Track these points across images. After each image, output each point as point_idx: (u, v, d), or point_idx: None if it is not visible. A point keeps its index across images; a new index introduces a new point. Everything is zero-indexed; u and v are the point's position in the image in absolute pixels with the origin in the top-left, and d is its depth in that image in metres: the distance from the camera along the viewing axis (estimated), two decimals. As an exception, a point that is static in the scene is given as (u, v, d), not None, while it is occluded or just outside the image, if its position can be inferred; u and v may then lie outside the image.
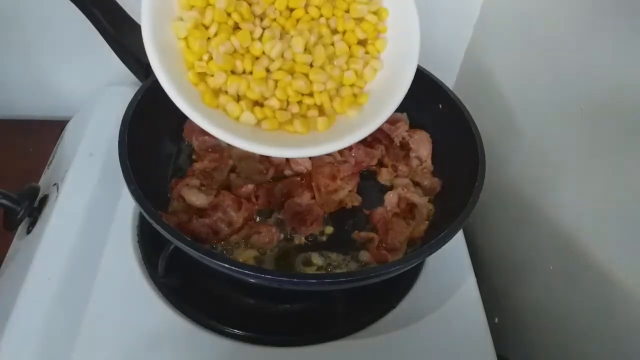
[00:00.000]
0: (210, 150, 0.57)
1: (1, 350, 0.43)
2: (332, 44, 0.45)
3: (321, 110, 0.44)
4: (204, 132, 0.57)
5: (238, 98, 0.43)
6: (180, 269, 0.49)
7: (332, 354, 0.46)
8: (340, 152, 0.58)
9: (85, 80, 0.76)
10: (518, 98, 0.63)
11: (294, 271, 0.49)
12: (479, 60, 0.74)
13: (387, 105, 0.44)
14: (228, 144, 0.57)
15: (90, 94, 0.69)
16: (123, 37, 0.55)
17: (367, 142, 0.60)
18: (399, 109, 0.63)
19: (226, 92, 0.42)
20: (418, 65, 0.60)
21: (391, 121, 0.61)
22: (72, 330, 0.45)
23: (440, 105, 0.58)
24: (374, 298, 0.51)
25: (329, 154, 0.57)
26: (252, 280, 0.41)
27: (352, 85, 0.45)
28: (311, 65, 0.44)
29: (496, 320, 0.58)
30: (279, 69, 0.42)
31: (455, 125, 0.55)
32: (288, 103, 0.43)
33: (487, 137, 0.52)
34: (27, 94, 0.80)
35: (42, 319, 0.45)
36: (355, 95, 0.45)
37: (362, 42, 0.46)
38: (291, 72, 0.43)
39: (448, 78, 0.77)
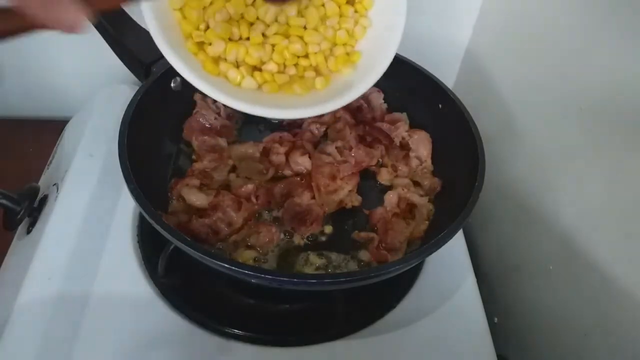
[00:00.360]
0: (210, 150, 0.57)
1: (1, 350, 0.43)
2: (323, 5, 0.46)
3: (317, 71, 0.45)
4: (203, 132, 0.58)
5: (237, 65, 0.43)
6: (180, 269, 0.49)
7: (332, 354, 0.46)
8: (340, 152, 0.58)
9: (85, 80, 0.76)
10: (517, 98, 0.63)
11: (294, 271, 0.49)
12: (478, 60, 0.74)
13: (380, 62, 0.44)
14: (228, 144, 0.58)
15: (90, 94, 0.69)
16: (123, 37, 0.55)
17: (367, 142, 0.60)
18: (399, 109, 0.63)
19: (225, 60, 0.43)
20: (418, 65, 0.60)
21: (391, 121, 0.61)
22: (72, 330, 0.45)
23: (440, 105, 0.59)
24: (374, 298, 0.51)
25: (329, 153, 0.57)
26: (252, 280, 0.41)
27: (344, 45, 0.46)
28: (305, 28, 0.45)
29: (496, 320, 0.58)
30: (275, 33, 0.43)
31: (455, 125, 0.55)
32: (285, 66, 0.44)
33: (487, 136, 0.52)
34: (27, 94, 0.80)
35: (42, 319, 0.45)
36: (348, 54, 0.46)
37: (350, 2, 0.46)
38: (287, 36, 0.44)
39: (448, 78, 0.77)
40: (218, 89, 0.41)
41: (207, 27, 0.42)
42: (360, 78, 0.45)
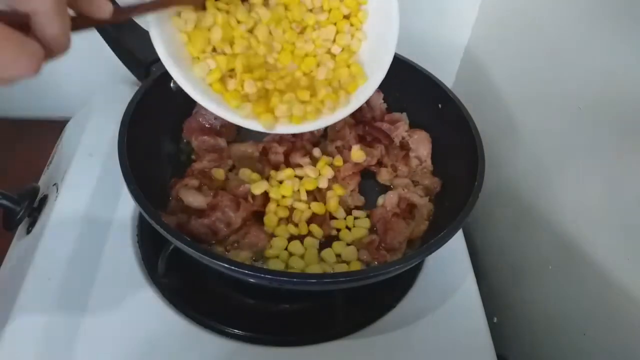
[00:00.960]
0: (209, 149, 0.57)
1: (1, 350, 0.43)
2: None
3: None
4: (203, 132, 0.58)
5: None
6: (180, 269, 0.49)
7: (332, 354, 0.46)
8: (340, 151, 0.58)
9: (85, 80, 0.76)
10: (516, 97, 0.63)
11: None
12: (477, 60, 0.74)
13: (377, 72, 0.46)
14: (227, 144, 0.58)
15: (90, 94, 0.69)
16: (122, 37, 0.56)
17: (367, 142, 0.60)
18: (399, 109, 0.63)
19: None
20: (417, 65, 0.60)
21: (391, 121, 0.61)
22: (72, 331, 0.45)
23: (439, 105, 0.58)
24: (374, 298, 0.51)
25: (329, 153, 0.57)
26: (251, 280, 0.41)
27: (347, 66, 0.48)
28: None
29: (495, 319, 0.58)
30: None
31: (454, 125, 0.55)
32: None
33: (486, 136, 0.52)
34: (27, 94, 0.80)
35: (42, 319, 0.45)
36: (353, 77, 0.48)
37: (346, 16, 0.48)
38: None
39: (447, 77, 0.77)
40: (218, 104, 0.43)
41: (214, 49, 0.44)
42: (359, 89, 0.46)
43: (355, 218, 0.53)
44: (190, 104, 0.60)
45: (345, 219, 0.53)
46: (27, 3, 0.25)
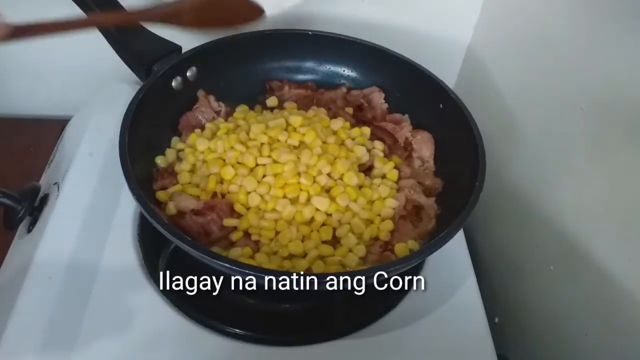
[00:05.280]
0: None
1: (1, 350, 0.43)
2: None
3: None
4: (196, 128, 0.57)
5: None
6: (181, 269, 0.49)
7: (332, 354, 0.46)
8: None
9: (86, 80, 0.76)
10: (518, 98, 0.63)
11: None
12: (479, 60, 0.73)
13: None
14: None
15: (91, 93, 0.69)
16: (124, 36, 0.55)
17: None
18: (400, 109, 0.63)
19: None
20: (419, 65, 0.60)
21: (395, 121, 0.61)
22: (72, 331, 0.45)
23: (441, 105, 0.58)
24: (374, 298, 0.51)
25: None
26: (252, 280, 0.41)
27: None
28: None
29: (496, 320, 0.58)
30: None
31: (455, 125, 0.55)
32: None
33: (488, 136, 0.52)
34: (27, 93, 0.80)
35: (42, 319, 0.45)
36: None
37: None
38: None
39: (449, 77, 0.77)
40: None
41: None
42: None
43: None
44: (191, 104, 0.60)
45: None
46: None
